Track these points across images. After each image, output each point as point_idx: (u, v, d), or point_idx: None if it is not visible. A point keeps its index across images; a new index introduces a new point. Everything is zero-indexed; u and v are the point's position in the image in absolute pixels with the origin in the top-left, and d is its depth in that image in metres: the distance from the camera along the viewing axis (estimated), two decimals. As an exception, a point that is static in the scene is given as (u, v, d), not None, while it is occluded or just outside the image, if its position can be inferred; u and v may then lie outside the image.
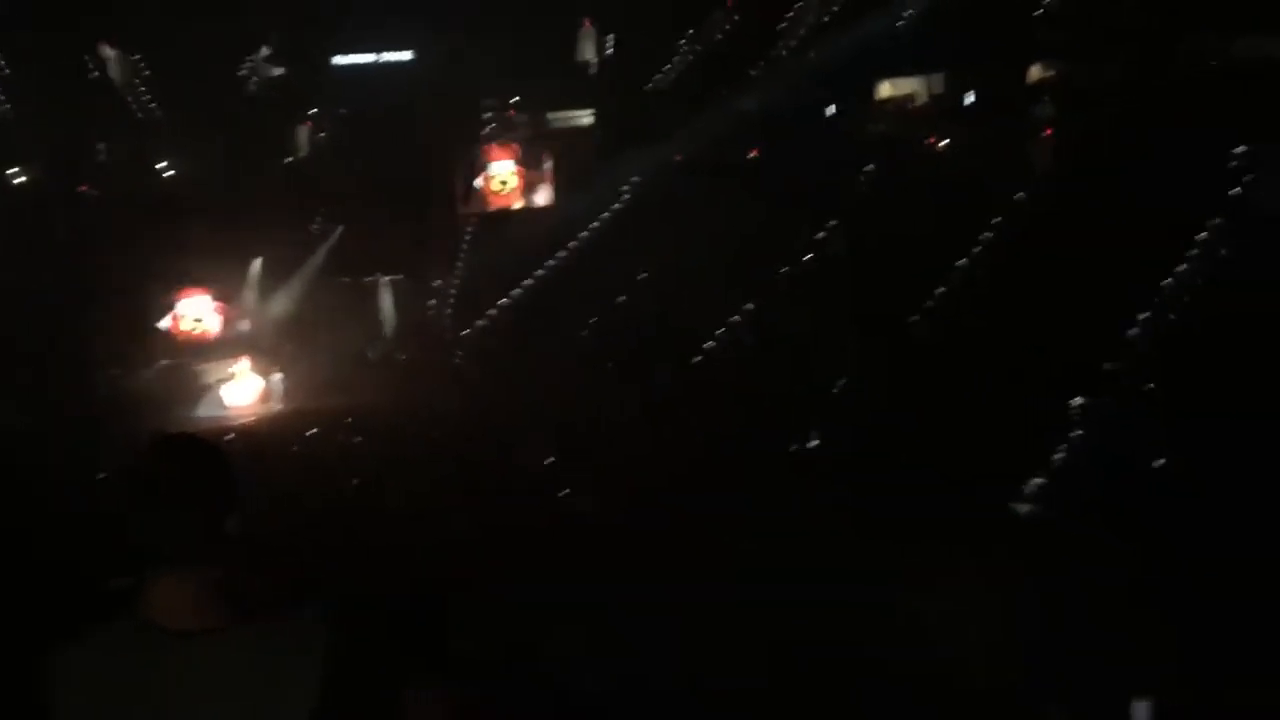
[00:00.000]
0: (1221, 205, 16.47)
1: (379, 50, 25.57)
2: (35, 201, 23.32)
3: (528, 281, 24.91)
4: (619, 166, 25.02)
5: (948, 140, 22.45)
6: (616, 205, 25.31)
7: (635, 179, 25.23)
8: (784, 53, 25.39)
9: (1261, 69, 17.68)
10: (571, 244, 25.12)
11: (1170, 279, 15.64)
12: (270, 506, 10.84)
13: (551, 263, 25.05)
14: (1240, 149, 16.77)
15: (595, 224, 25.23)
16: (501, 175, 25.84)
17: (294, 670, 2.29)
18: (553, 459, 15.54)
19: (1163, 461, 11.40)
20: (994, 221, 19.17)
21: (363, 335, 24.87)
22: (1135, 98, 18.94)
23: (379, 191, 23.67)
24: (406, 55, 25.69)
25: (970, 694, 6.51)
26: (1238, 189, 16.58)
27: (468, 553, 9.70)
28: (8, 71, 23.71)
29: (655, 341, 20.05)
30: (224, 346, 24.19)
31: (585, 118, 26.28)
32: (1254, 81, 17.38)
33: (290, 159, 25.43)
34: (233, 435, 18.73)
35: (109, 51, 25.55)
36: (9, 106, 23.68)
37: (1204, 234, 16.16)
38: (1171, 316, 15.11)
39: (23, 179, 23.24)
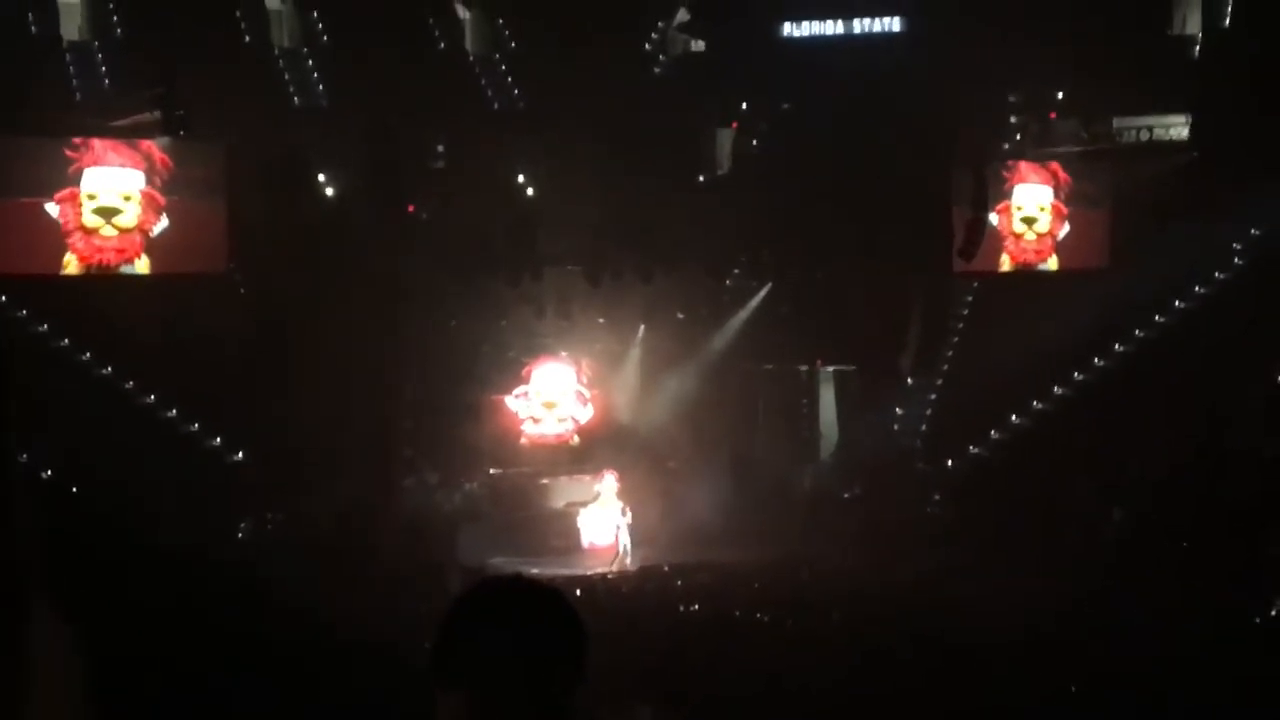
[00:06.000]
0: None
1: (849, 16, 21.53)
2: (342, 225, 18.84)
3: (1061, 391, 20.81)
4: (1229, 211, 19.99)
5: None
6: (1220, 277, 20.86)
7: (1259, 235, 20.60)
8: None
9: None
10: (1139, 335, 20.88)
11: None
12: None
13: (1102, 364, 20.84)
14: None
15: (1181, 305, 20.93)
16: (1029, 208, 21.43)
17: None
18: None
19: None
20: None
21: (789, 455, 21.46)
22: None
23: (830, 232, 19.92)
24: (892, 23, 21.66)
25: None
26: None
27: None
28: (325, 39, 20.82)
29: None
30: (585, 452, 20.87)
31: (1177, 128, 21.47)
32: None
33: (702, 177, 21.16)
34: (581, 592, 16.16)
35: (464, 11, 21.87)
36: (323, 88, 20.60)
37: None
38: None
39: (330, 190, 19.73)
